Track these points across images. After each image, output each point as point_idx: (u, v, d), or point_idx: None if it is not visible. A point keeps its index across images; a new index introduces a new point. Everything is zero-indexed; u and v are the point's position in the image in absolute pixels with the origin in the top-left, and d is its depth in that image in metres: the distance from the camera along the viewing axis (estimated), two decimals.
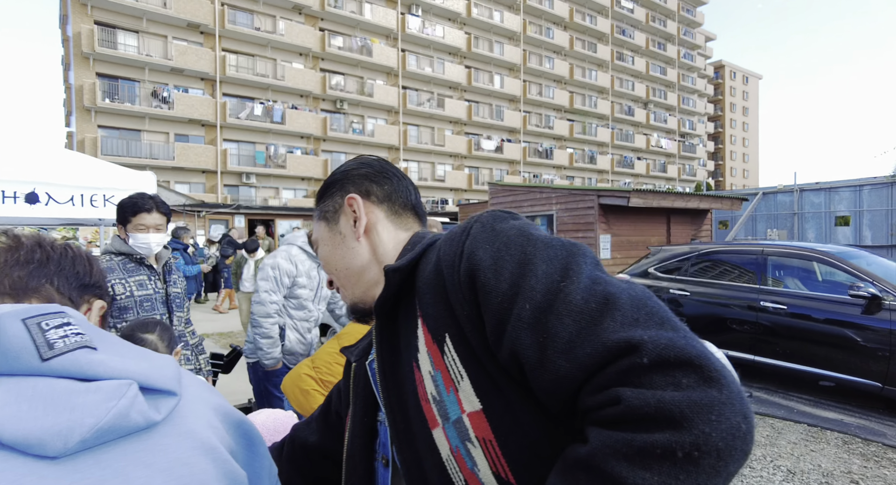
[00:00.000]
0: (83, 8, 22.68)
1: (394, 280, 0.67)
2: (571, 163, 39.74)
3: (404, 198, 0.82)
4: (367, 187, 0.80)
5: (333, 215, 0.81)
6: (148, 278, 2.26)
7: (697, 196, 8.79)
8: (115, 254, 2.22)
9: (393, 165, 0.86)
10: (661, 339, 0.46)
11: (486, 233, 0.61)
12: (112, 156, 22.56)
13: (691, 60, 50.33)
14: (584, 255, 0.57)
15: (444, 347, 0.61)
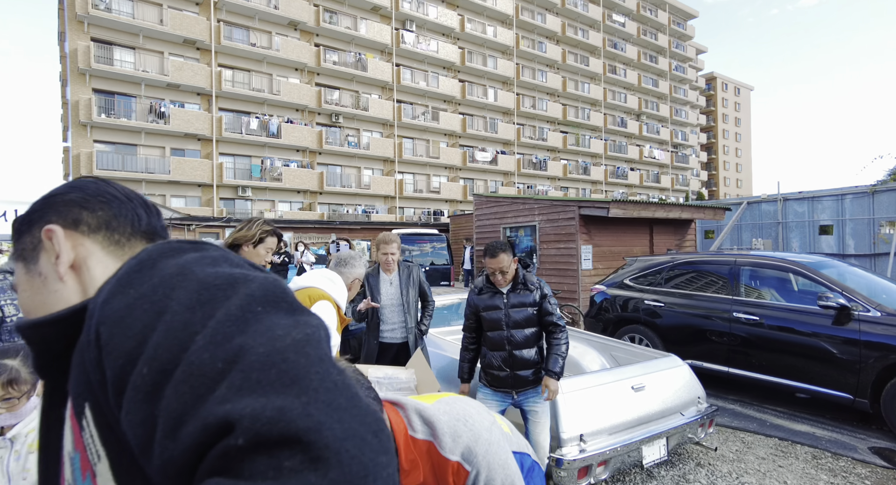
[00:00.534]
0: (80, 25, 22.95)
1: (36, 337, 0.55)
2: (565, 174, 39.99)
3: (131, 223, 0.67)
4: (76, 215, 0.65)
5: (32, 253, 0.64)
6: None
7: (679, 206, 8.86)
8: (10, 272, 2.14)
9: (117, 185, 0.72)
10: (268, 410, 0.36)
11: (136, 273, 0.48)
12: (108, 170, 22.67)
13: (683, 73, 50.93)
14: (252, 296, 0.45)
15: (83, 422, 0.48)
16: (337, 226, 20.29)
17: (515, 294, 2.91)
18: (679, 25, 50.92)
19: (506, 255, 2.85)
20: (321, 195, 29.29)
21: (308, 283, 2.35)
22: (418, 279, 3.83)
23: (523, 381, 2.85)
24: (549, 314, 2.87)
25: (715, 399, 5.10)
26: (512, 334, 2.87)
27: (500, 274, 2.87)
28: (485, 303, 2.97)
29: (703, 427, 3.51)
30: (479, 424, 1.05)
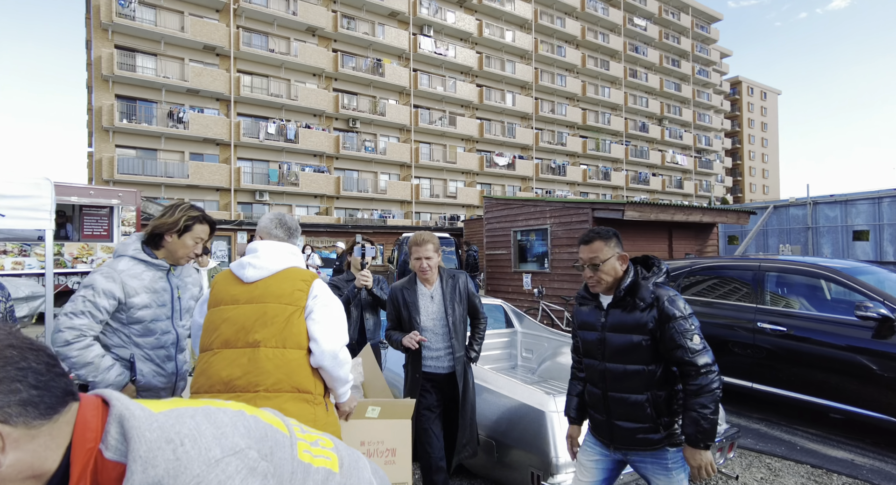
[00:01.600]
0: (104, 33, 23.43)
1: None
2: (585, 179, 39.33)
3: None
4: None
5: None
6: None
7: (700, 209, 8.36)
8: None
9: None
10: None
11: None
12: (128, 175, 23.01)
13: (706, 77, 49.81)
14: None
15: None
16: (349, 229, 20.14)
17: (618, 310, 2.00)
18: (702, 29, 49.89)
19: (605, 244, 2.00)
20: (338, 200, 29.29)
21: (285, 263, 1.96)
22: (466, 291, 2.90)
23: (626, 436, 1.98)
24: (676, 347, 1.87)
25: (737, 418, 4.63)
26: (607, 368, 2.01)
27: (592, 269, 2.00)
28: (582, 317, 2.14)
29: (721, 451, 3.09)
30: (202, 453, 0.67)
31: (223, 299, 1.89)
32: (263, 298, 1.86)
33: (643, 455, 1.97)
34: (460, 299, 2.86)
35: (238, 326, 1.80)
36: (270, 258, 1.95)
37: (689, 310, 1.94)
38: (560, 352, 4.43)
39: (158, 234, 2.14)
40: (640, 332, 1.93)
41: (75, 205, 8.30)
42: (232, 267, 1.98)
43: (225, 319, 1.83)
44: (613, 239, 2.03)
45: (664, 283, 2.01)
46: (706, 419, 1.83)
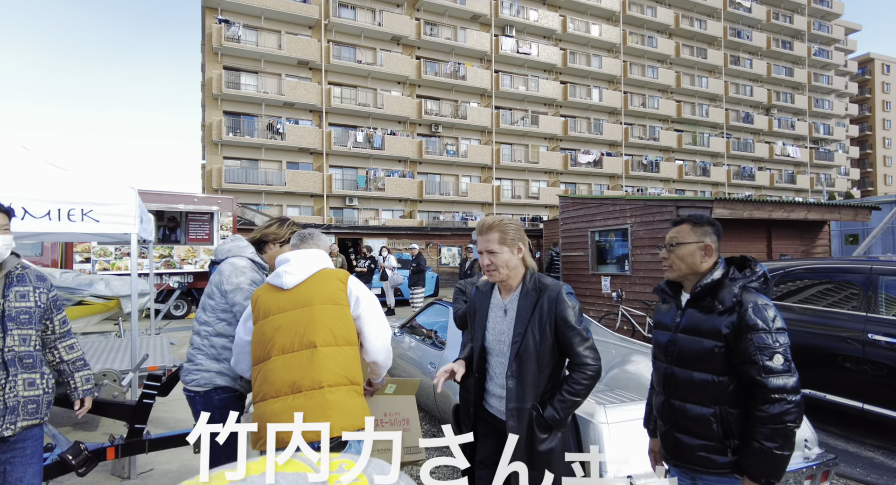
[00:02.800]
0: (215, 56, 25.96)
1: None
2: (681, 175, 36.78)
3: None
4: None
5: None
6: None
7: (805, 205, 7.40)
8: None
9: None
10: None
11: None
12: (233, 183, 25.25)
13: (826, 57, 44.40)
14: None
15: None
16: (429, 232, 20.50)
17: (695, 310, 1.79)
18: (823, 2, 44.50)
19: (692, 228, 1.81)
20: (421, 203, 29.96)
21: (317, 265, 2.10)
22: (553, 313, 1.95)
23: (687, 452, 1.77)
24: (749, 362, 1.63)
25: (845, 443, 4.02)
26: (674, 372, 1.82)
27: (668, 249, 1.84)
28: (658, 317, 1.98)
29: (812, 480, 2.69)
30: None
31: (270, 310, 2.00)
32: (309, 302, 1.98)
33: (710, 480, 1.73)
34: (542, 324, 1.94)
35: (292, 331, 1.93)
36: (302, 263, 2.07)
37: (780, 324, 1.67)
38: (630, 360, 4.13)
39: (265, 241, 2.45)
40: (713, 337, 1.72)
41: (182, 212, 9.24)
42: (269, 280, 2.10)
43: (277, 328, 1.94)
44: (706, 227, 1.82)
45: (758, 289, 1.76)
46: (770, 456, 1.58)
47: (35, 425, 2.10)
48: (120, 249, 8.15)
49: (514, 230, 2.04)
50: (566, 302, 1.95)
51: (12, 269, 2.11)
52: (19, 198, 2.51)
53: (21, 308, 2.08)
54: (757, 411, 1.62)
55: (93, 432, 4.28)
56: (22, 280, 2.12)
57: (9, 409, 1.99)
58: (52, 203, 2.63)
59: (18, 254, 2.15)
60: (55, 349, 2.26)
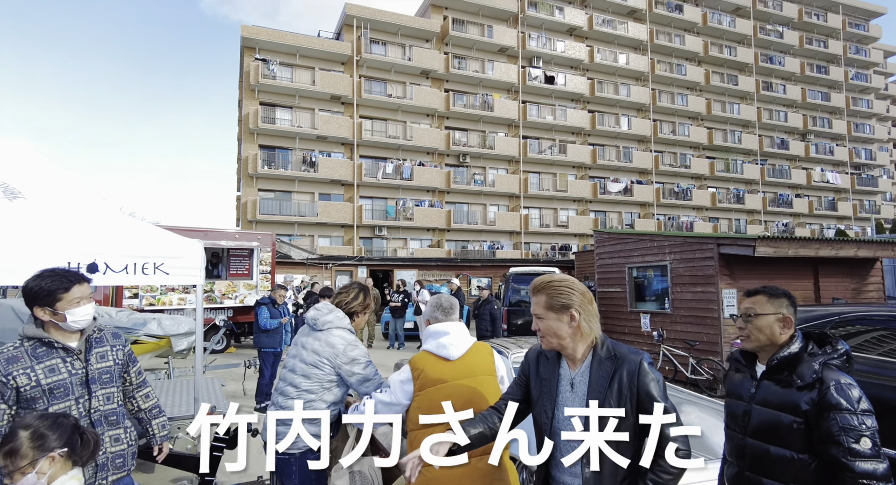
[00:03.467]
0: (252, 93, 27.17)
1: None
2: (714, 203, 36.03)
3: None
4: None
5: None
6: (62, 361, 2.11)
7: (854, 242, 7.13)
8: (27, 339, 2.10)
9: None
10: None
11: None
12: (267, 215, 25.99)
13: (865, 81, 43.40)
14: None
15: None
16: (458, 263, 20.53)
17: (772, 383, 1.77)
18: (859, 27, 43.76)
19: (769, 299, 1.83)
20: (448, 232, 30.13)
21: (470, 339, 2.40)
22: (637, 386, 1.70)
23: None
24: (833, 443, 1.58)
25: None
26: (748, 444, 1.78)
27: (744, 319, 1.85)
28: (731, 386, 1.94)
29: None
30: None
31: (439, 378, 2.23)
32: (474, 373, 2.27)
33: None
34: (621, 401, 1.67)
35: (464, 399, 2.12)
36: (462, 338, 2.33)
37: (866, 406, 1.62)
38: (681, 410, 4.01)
39: (354, 312, 2.66)
40: (791, 412, 1.69)
41: (224, 248, 9.56)
42: (431, 350, 2.32)
43: (447, 396, 2.07)
44: (782, 299, 1.85)
45: (840, 367, 1.75)
46: None
47: (123, 476, 2.27)
48: (165, 284, 8.46)
49: (566, 295, 1.75)
50: (649, 374, 1.68)
51: (91, 333, 2.24)
52: (101, 253, 2.70)
53: (102, 368, 2.22)
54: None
55: (151, 475, 4.36)
56: (100, 342, 2.27)
57: (99, 466, 2.14)
58: (129, 258, 2.83)
59: (95, 317, 2.28)
60: (133, 399, 2.43)
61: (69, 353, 2.13)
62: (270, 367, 6.46)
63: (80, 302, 2.10)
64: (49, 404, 2.02)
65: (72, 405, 2.08)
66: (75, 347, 2.15)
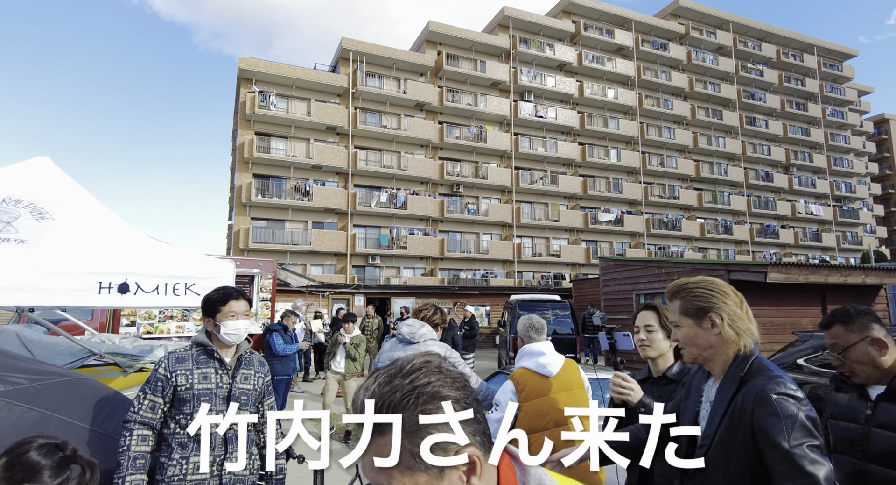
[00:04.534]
0: (248, 123, 27.37)
1: None
2: (703, 234, 36.56)
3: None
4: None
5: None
6: (215, 372, 2.24)
7: (862, 269, 7.22)
8: (196, 345, 2.29)
9: None
10: None
11: None
12: (260, 243, 25.76)
13: (842, 118, 45.11)
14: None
15: None
16: (455, 292, 20.39)
17: (893, 404, 1.64)
18: (833, 67, 45.77)
19: (844, 328, 1.73)
20: (442, 261, 30.07)
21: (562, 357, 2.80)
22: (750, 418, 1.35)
23: None
24: None
25: None
26: (869, 470, 1.64)
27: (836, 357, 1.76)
28: (835, 406, 1.83)
29: None
30: None
31: (542, 391, 2.60)
32: (570, 386, 2.66)
33: None
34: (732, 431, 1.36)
35: (561, 408, 2.47)
36: (555, 356, 2.72)
37: None
38: None
39: (435, 325, 2.96)
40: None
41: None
42: (531, 367, 2.67)
43: (551, 406, 2.53)
44: (857, 320, 1.71)
45: None
46: None
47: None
48: (164, 312, 8.21)
49: (704, 297, 1.50)
50: (771, 406, 1.28)
51: (244, 352, 2.35)
52: (132, 273, 2.60)
53: (244, 389, 2.28)
54: None
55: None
56: (248, 364, 2.35)
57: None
58: (161, 278, 2.73)
59: (249, 339, 2.39)
60: (261, 433, 2.39)
61: (222, 366, 2.26)
62: (283, 395, 6.22)
63: (235, 316, 2.25)
64: (194, 409, 2.12)
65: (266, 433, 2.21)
66: (228, 362, 2.28)
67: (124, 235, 2.82)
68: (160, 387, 2.13)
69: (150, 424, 2.09)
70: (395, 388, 0.71)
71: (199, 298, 2.96)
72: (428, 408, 0.70)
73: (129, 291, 2.32)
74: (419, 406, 0.70)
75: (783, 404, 1.27)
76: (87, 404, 2.06)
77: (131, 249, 2.74)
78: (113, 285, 2.52)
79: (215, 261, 3.07)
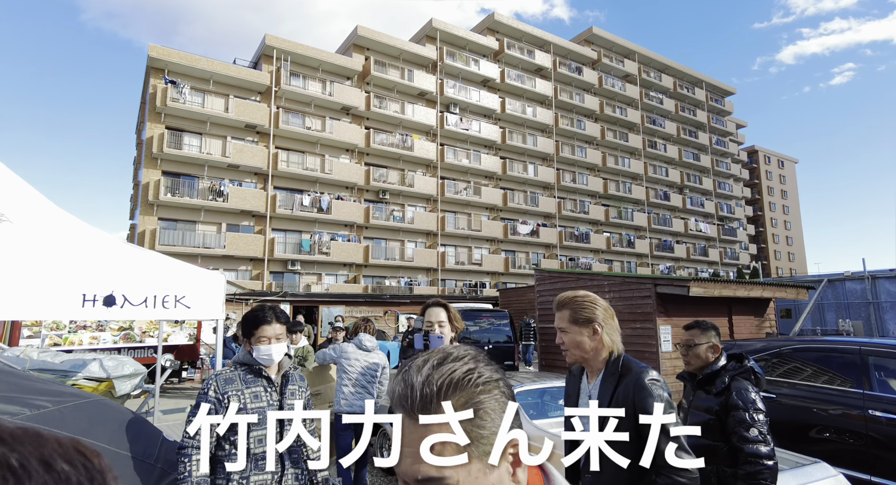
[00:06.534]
0: (158, 116, 25.27)
1: None
2: (609, 247, 39.41)
3: None
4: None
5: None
6: (264, 390, 2.27)
7: (760, 284, 8.30)
8: (240, 364, 2.31)
9: None
10: None
11: None
12: (167, 245, 23.79)
13: (724, 147, 51.01)
14: None
15: None
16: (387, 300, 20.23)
17: (702, 391, 2.47)
18: (717, 101, 51.74)
19: (702, 332, 2.50)
20: (366, 268, 29.66)
21: None
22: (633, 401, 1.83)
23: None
24: (732, 432, 2.30)
25: None
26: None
27: (685, 348, 2.51)
28: (684, 394, 2.67)
29: None
30: None
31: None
32: None
33: None
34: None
35: None
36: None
37: (759, 406, 2.27)
38: None
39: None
40: (709, 412, 2.32)
41: None
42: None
43: None
44: (708, 329, 2.49)
45: (745, 377, 2.39)
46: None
47: None
48: (75, 322, 7.34)
49: (590, 309, 1.87)
50: (647, 389, 1.70)
51: (288, 369, 2.40)
52: (119, 285, 2.36)
53: (291, 405, 2.29)
54: (739, 470, 2.16)
55: None
56: (293, 380, 2.39)
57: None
58: (149, 290, 2.51)
59: (290, 356, 2.40)
60: (304, 446, 2.38)
61: (270, 383, 2.29)
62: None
63: (267, 340, 2.25)
64: (250, 429, 2.13)
65: (266, 434, 2.20)
66: (275, 379, 2.31)
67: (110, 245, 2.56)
68: (213, 410, 2.14)
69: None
70: (453, 368, 0.67)
71: (189, 311, 2.78)
72: (488, 389, 0.67)
73: (116, 303, 2.14)
74: (480, 386, 0.66)
75: (653, 388, 1.72)
76: (112, 426, 1.89)
77: (118, 260, 2.50)
78: (98, 298, 2.30)
79: (206, 273, 2.88)
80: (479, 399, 0.65)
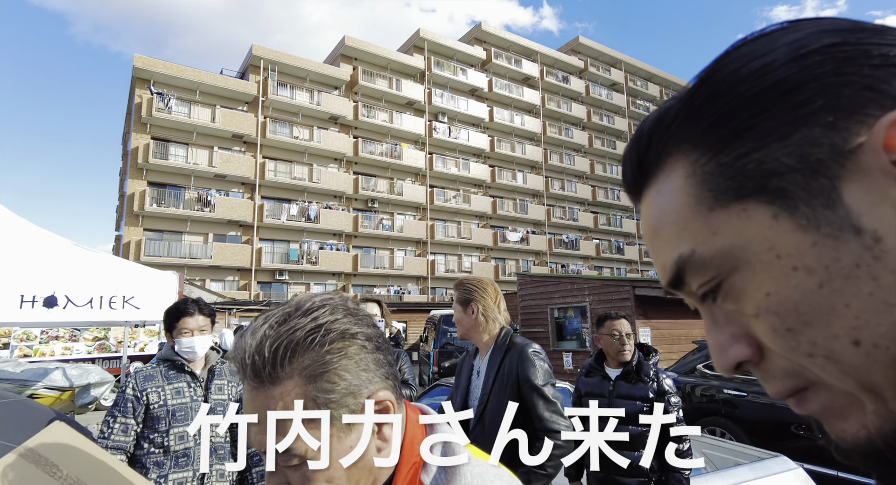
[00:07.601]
0: (143, 126, 25.16)
1: None
2: (598, 253, 39.58)
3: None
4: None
5: None
6: (188, 385, 2.21)
7: None
8: (163, 361, 2.24)
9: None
10: None
11: None
12: (153, 256, 23.56)
13: None
14: None
15: None
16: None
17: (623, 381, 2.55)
18: None
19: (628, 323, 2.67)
20: (355, 277, 29.53)
21: None
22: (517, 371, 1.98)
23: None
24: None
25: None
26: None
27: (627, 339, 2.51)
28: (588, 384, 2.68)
29: None
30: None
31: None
32: None
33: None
34: (504, 385, 1.86)
35: None
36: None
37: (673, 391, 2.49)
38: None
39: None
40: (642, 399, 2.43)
41: None
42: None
43: None
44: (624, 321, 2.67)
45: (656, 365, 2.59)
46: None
47: None
48: (46, 332, 7.21)
49: (470, 290, 2.01)
50: (529, 359, 1.85)
51: (215, 363, 2.30)
52: (61, 285, 2.31)
53: (219, 400, 2.23)
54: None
55: None
56: (220, 375, 2.30)
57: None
58: (95, 291, 2.45)
59: (218, 350, 2.26)
60: (236, 443, 2.32)
61: (194, 378, 2.22)
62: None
63: (189, 333, 2.19)
64: (170, 425, 2.09)
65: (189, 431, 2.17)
66: (199, 374, 2.24)
67: (52, 244, 2.50)
68: (131, 408, 2.08)
69: (123, 447, 2.03)
70: (295, 326, 0.60)
71: (139, 312, 2.72)
72: (336, 347, 0.61)
73: (58, 304, 2.09)
74: (327, 344, 0.60)
75: (535, 359, 1.86)
76: (31, 427, 1.83)
77: (61, 260, 2.45)
78: (38, 298, 2.25)
79: (156, 273, 2.84)
80: (326, 360, 0.60)
